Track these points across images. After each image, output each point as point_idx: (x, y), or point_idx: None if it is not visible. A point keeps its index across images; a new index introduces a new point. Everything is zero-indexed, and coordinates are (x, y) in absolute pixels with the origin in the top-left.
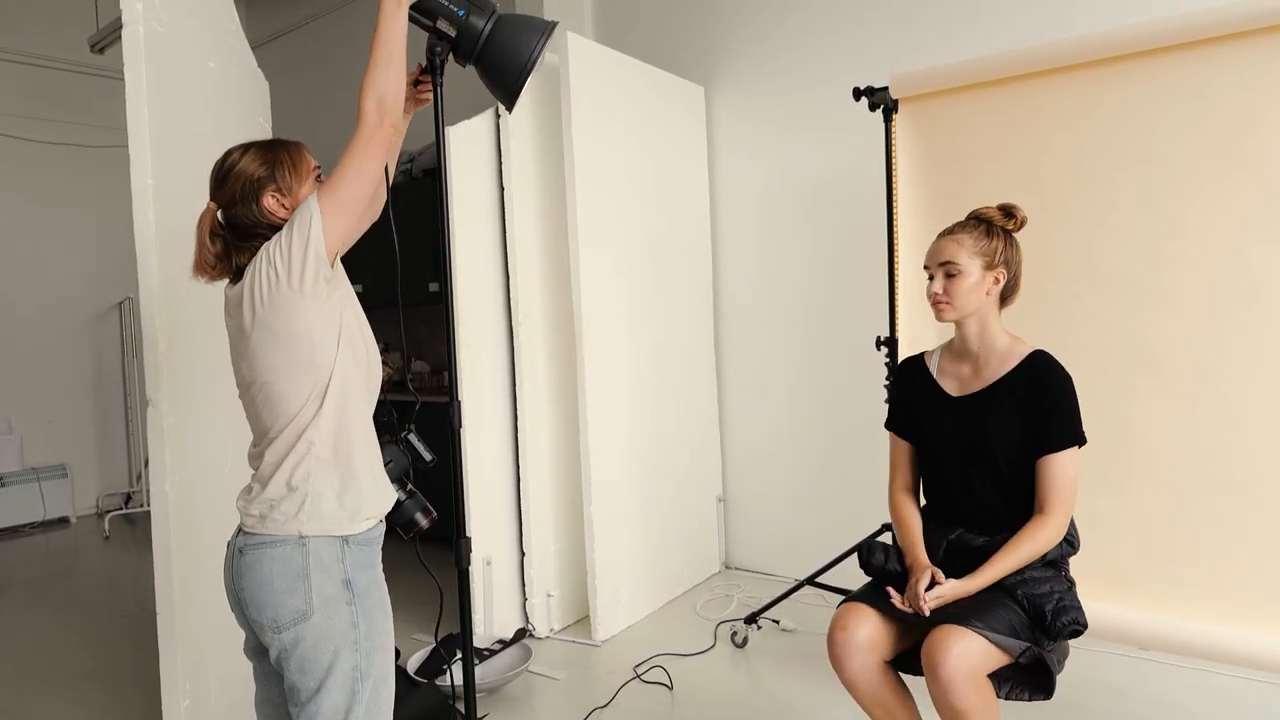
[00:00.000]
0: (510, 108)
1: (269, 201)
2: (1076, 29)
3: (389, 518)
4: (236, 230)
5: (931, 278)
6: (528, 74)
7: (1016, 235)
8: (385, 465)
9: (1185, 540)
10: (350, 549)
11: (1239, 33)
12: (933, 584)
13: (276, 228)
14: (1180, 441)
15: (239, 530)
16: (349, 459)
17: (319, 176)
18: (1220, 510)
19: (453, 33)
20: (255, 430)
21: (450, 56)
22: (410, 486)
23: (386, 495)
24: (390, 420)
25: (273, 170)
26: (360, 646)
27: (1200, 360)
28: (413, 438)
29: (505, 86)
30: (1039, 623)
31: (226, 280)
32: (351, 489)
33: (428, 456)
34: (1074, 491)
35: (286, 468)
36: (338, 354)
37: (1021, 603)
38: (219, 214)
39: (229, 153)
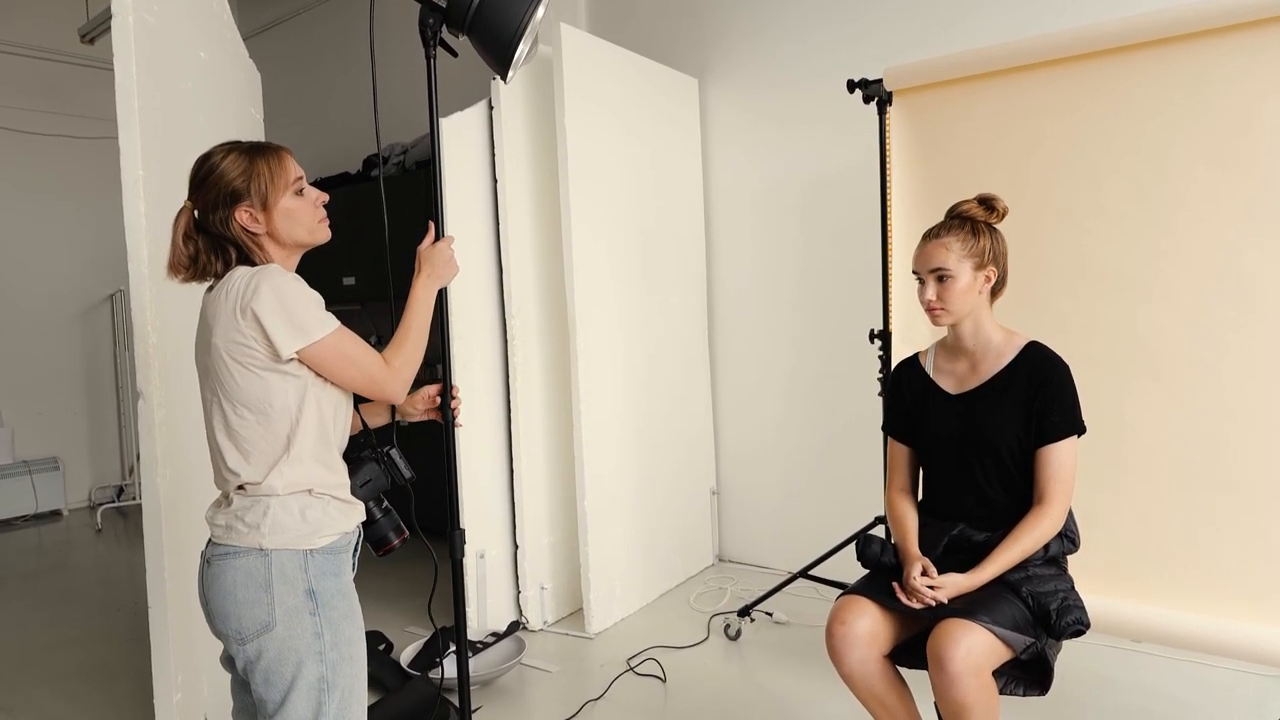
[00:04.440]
0: (505, 77)
1: (242, 215)
2: (1071, 22)
3: (364, 534)
4: (208, 235)
5: (922, 282)
6: (520, 39)
7: (1000, 226)
8: (363, 484)
9: (1179, 535)
10: (314, 559)
11: (1233, 25)
12: (924, 575)
13: (245, 243)
14: (1174, 437)
15: (209, 541)
16: (314, 480)
17: (301, 190)
18: (1214, 505)
19: (444, 2)
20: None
21: (444, 29)
22: (386, 504)
23: (351, 515)
24: (368, 438)
25: (249, 183)
26: (326, 657)
27: (1194, 356)
28: (394, 454)
29: (499, 54)
30: (1043, 620)
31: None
32: (314, 507)
33: (407, 474)
34: (1073, 481)
35: (289, 470)
36: (307, 392)
37: (1026, 600)
38: (194, 214)
39: (211, 154)
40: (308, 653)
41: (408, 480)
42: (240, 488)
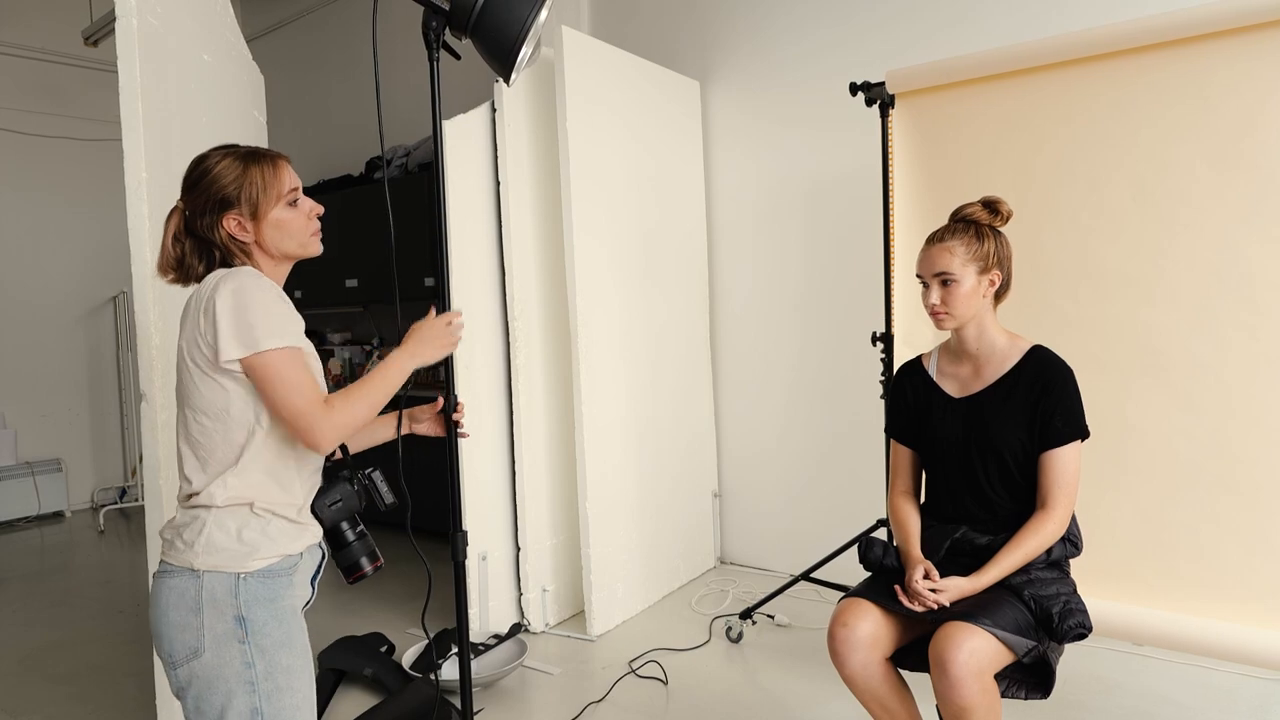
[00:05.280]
0: (508, 79)
1: (230, 223)
2: (1073, 25)
3: (334, 558)
4: (195, 238)
5: (926, 286)
6: (523, 42)
7: (1004, 229)
8: (332, 504)
9: (1181, 536)
10: (247, 583)
11: (1235, 29)
12: (926, 578)
13: (231, 251)
14: (1176, 437)
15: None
16: (257, 495)
17: (295, 201)
18: (1216, 506)
19: (446, 5)
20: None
21: (447, 32)
22: (361, 528)
23: (298, 537)
24: (345, 456)
25: (240, 190)
26: (258, 687)
27: (1196, 357)
28: (375, 476)
29: (502, 57)
30: (1045, 624)
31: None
32: (252, 526)
33: (388, 500)
34: (1076, 485)
35: (224, 481)
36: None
37: (1028, 603)
38: (185, 216)
39: (206, 156)
40: (237, 682)
41: (389, 505)
42: (189, 498)
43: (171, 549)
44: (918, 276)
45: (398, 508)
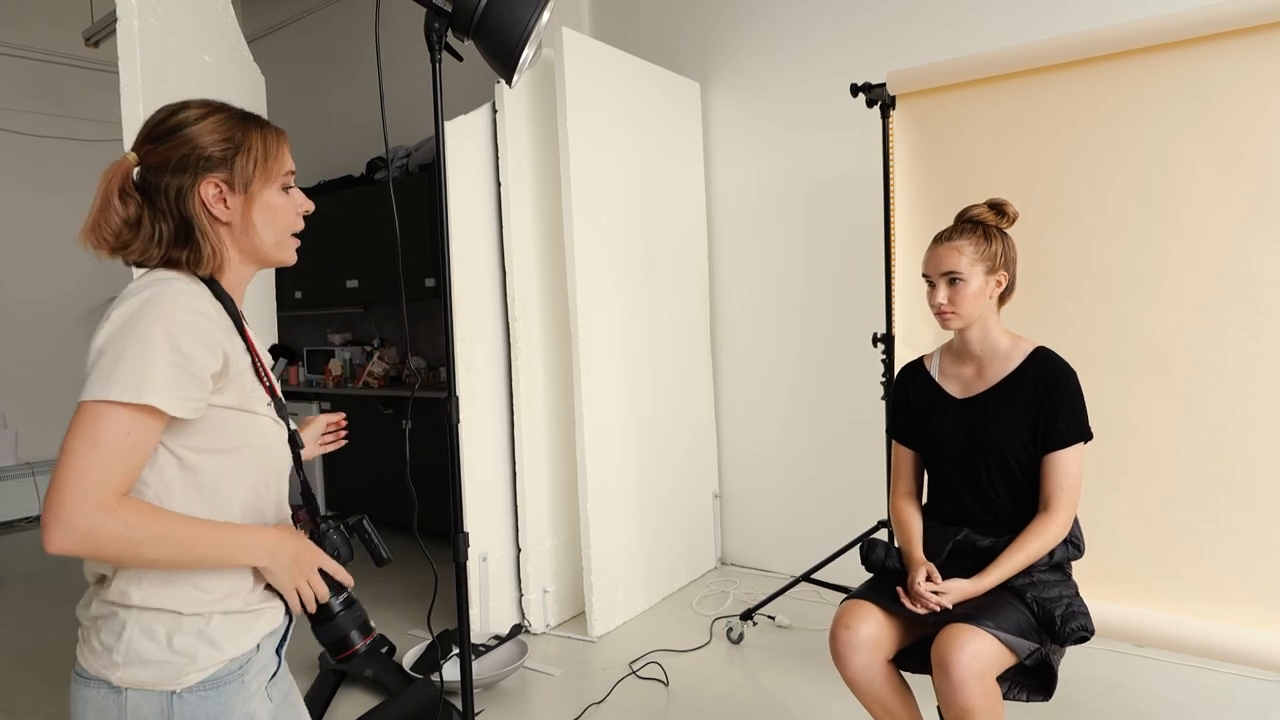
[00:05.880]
0: (510, 81)
1: (207, 191)
2: (1074, 26)
3: (316, 633)
4: (152, 204)
5: (932, 286)
6: (524, 43)
7: (1009, 231)
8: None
9: (1181, 537)
10: (183, 704)
11: (1237, 30)
12: (928, 580)
13: (199, 231)
14: (1178, 438)
15: None
16: (179, 600)
17: (287, 186)
18: (1217, 507)
19: (449, 7)
20: None
21: (449, 33)
22: (348, 594)
23: (253, 626)
24: (309, 500)
25: (233, 154)
26: None
27: (1198, 357)
28: (367, 524)
29: (504, 58)
30: (1048, 626)
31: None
32: (185, 630)
33: (384, 555)
34: (1079, 488)
35: (133, 574)
36: (173, 454)
37: (1030, 605)
38: (135, 172)
39: (184, 105)
40: None
41: (387, 559)
42: (100, 580)
43: (86, 647)
44: (924, 276)
45: (374, 555)
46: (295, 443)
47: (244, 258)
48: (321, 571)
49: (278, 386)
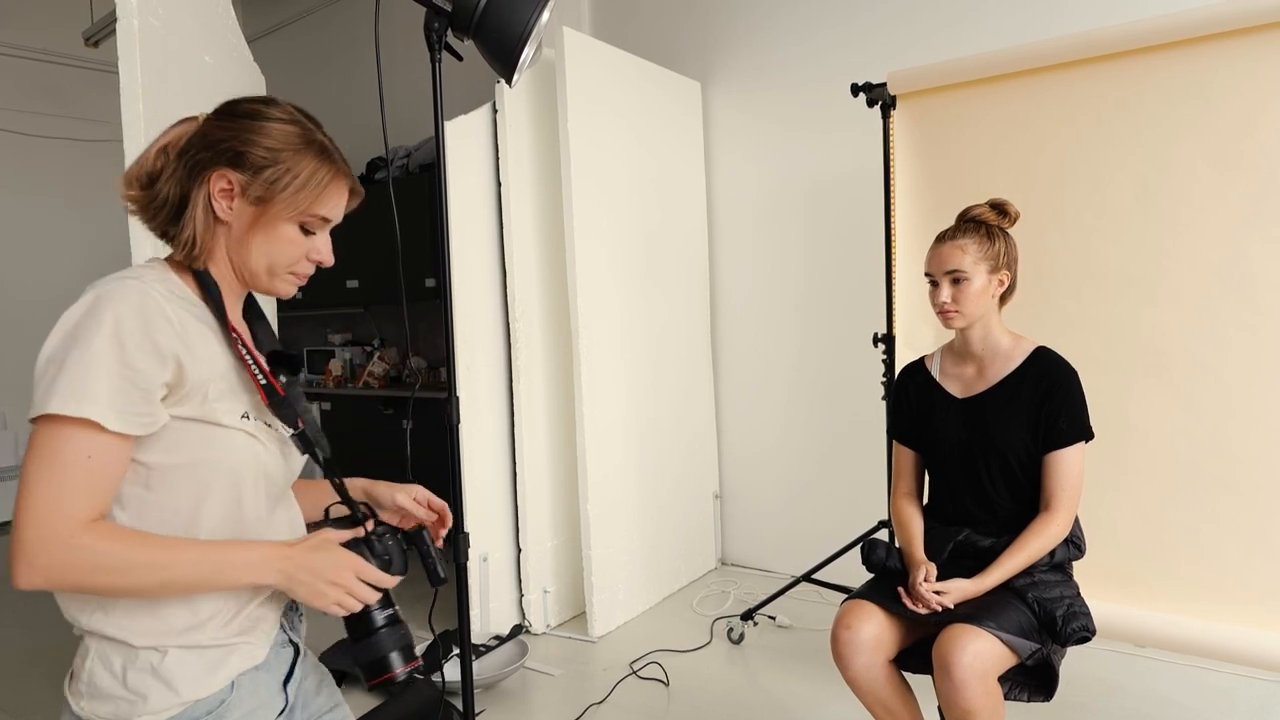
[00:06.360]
0: (510, 80)
1: (217, 184)
2: (1074, 26)
3: (353, 651)
4: (174, 170)
5: (935, 284)
6: (525, 43)
7: (1011, 231)
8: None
9: (1182, 537)
10: None
11: (1237, 30)
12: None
13: (196, 216)
14: (1178, 438)
15: None
16: (133, 629)
17: (309, 229)
18: (1217, 507)
19: (449, 6)
20: None
21: (449, 33)
22: (394, 609)
23: (224, 662)
24: (351, 504)
25: (270, 165)
26: None
27: (1198, 357)
28: (426, 536)
29: (504, 58)
30: (1049, 627)
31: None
32: (139, 666)
33: (440, 573)
34: (1080, 487)
35: (84, 600)
36: (142, 468)
37: (1032, 606)
38: (190, 135)
39: (274, 102)
40: None
41: (442, 580)
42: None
43: (71, 674)
44: (926, 275)
45: (430, 572)
46: (314, 455)
47: (233, 273)
48: (373, 625)
49: (292, 393)
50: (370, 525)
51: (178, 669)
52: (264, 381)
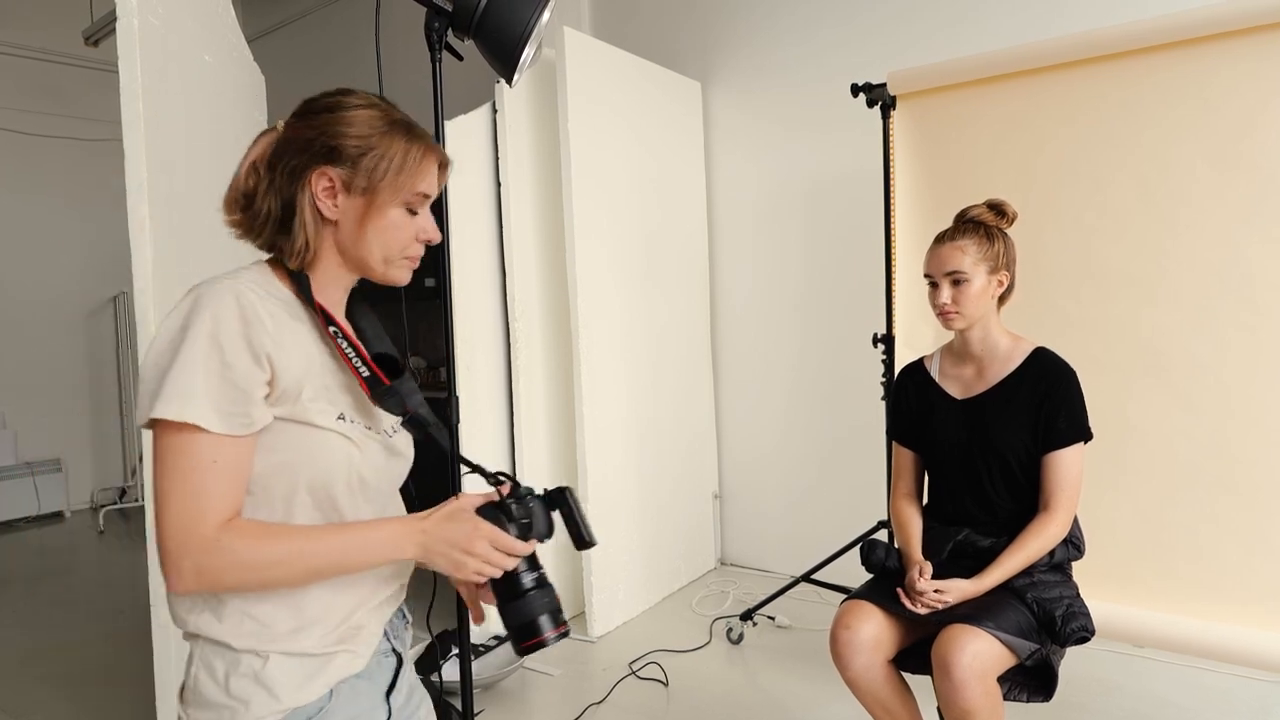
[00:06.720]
0: (510, 80)
1: (319, 183)
2: (1074, 26)
3: (502, 613)
4: (271, 181)
5: (935, 285)
6: (525, 43)
7: (1009, 231)
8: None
9: (1180, 537)
10: None
11: (1237, 30)
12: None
13: (301, 221)
14: (1177, 438)
15: None
16: (237, 632)
17: (413, 208)
18: (1216, 507)
19: (449, 6)
20: None
21: (449, 33)
22: (542, 571)
23: (316, 674)
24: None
25: (364, 152)
26: None
27: (1197, 358)
28: (569, 496)
29: (504, 58)
30: (1048, 627)
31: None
32: (242, 671)
33: (588, 536)
34: (1079, 488)
35: (190, 601)
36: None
37: (1031, 606)
38: (278, 141)
39: (349, 91)
40: None
41: (590, 543)
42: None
43: (182, 685)
44: (926, 276)
45: (576, 536)
46: (429, 435)
47: (346, 263)
48: (513, 571)
49: (399, 383)
50: (507, 489)
51: (279, 675)
52: (366, 373)
